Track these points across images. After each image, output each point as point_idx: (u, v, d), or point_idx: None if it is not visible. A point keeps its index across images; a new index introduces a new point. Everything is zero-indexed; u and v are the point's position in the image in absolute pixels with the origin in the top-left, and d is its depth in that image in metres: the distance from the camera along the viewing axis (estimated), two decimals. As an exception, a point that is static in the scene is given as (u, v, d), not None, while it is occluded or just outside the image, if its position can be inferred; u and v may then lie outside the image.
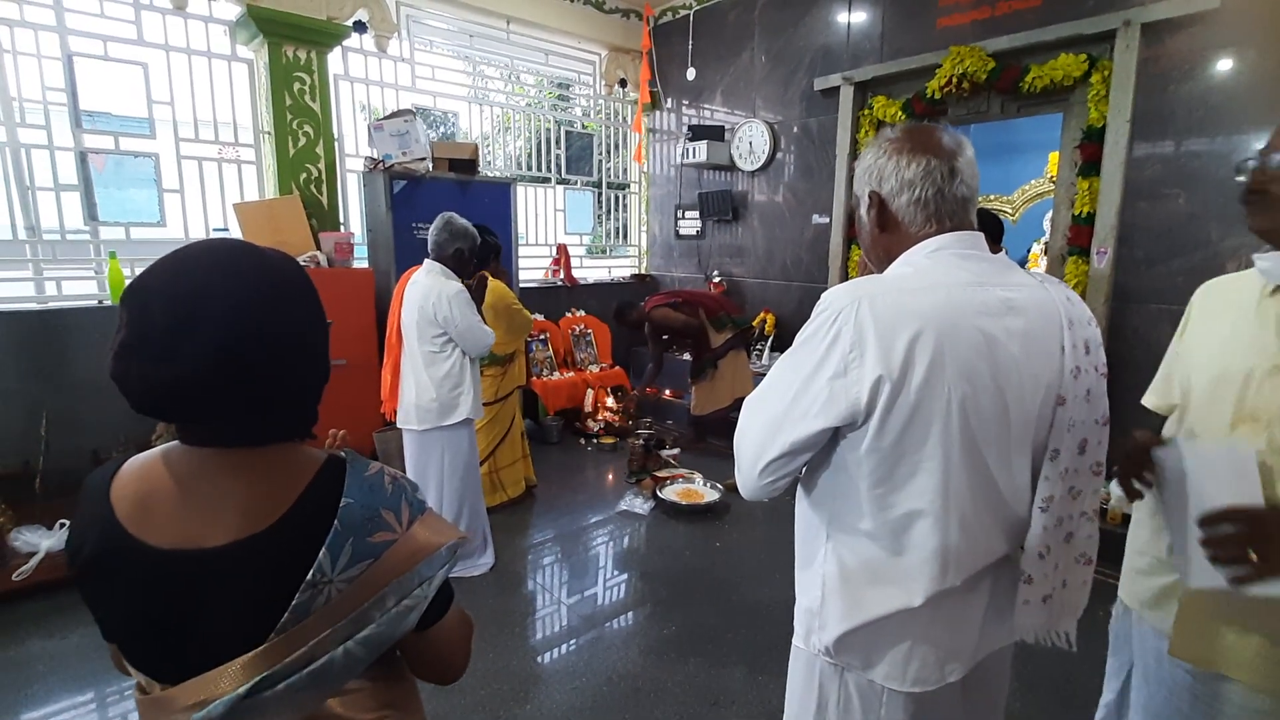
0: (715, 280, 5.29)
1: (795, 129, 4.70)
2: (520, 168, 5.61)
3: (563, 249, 5.49)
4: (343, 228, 4.21)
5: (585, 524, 3.53)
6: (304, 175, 3.96)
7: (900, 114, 3.97)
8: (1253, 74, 2.80)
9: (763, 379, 1.03)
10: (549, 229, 5.59)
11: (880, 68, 4.03)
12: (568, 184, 5.68)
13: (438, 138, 4.99)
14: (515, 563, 3.09)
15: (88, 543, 0.70)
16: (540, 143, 5.48)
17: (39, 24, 3.26)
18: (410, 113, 4.03)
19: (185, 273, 0.67)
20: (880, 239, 1.02)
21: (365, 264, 4.17)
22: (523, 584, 2.93)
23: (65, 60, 3.34)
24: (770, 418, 0.96)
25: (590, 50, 5.58)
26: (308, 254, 3.77)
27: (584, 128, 5.92)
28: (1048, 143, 4.95)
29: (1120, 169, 3.14)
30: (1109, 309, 3.21)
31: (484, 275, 2.99)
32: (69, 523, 0.73)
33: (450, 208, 2.93)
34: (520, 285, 4.81)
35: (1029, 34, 3.36)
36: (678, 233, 5.71)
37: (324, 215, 4.06)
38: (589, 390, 5.01)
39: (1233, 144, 2.86)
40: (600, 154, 5.89)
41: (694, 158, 5.08)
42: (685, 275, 5.72)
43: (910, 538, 0.92)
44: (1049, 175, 5.55)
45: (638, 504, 3.67)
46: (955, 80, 3.59)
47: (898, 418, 0.88)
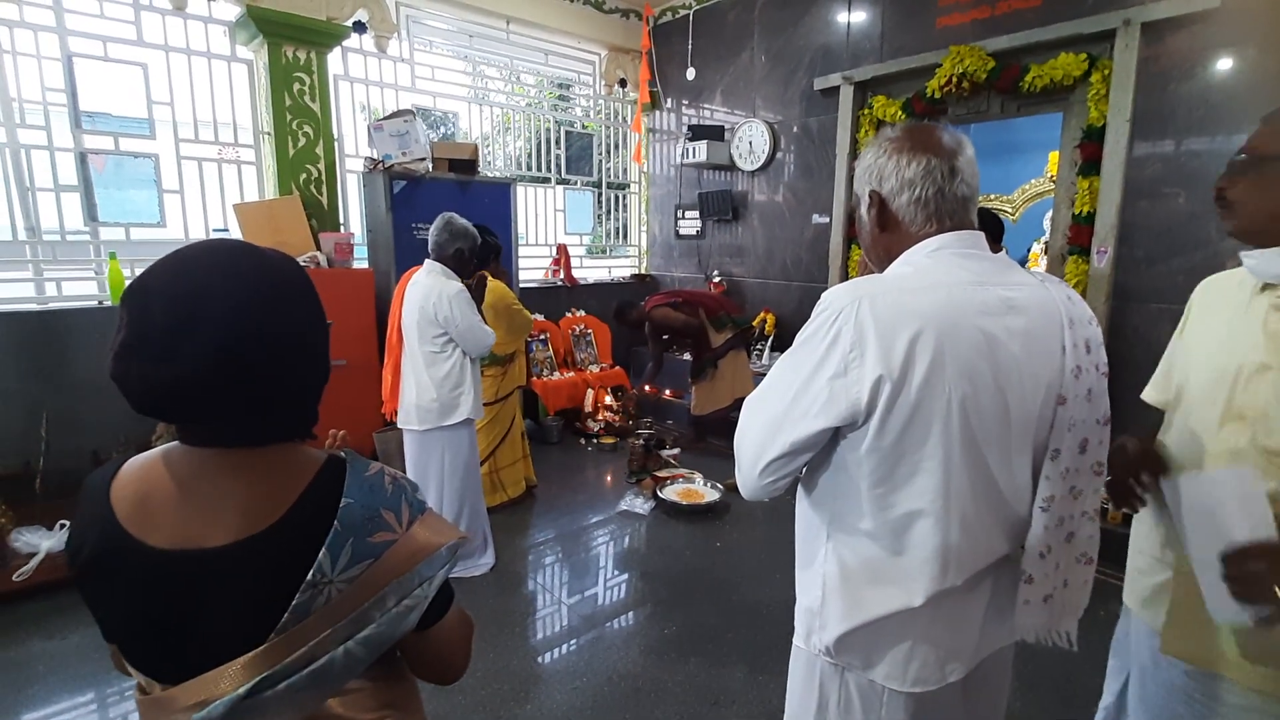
0: (715, 280, 5.29)
1: (795, 129, 4.70)
2: (520, 168, 5.61)
3: (563, 249, 5.49)
4: (343, 228, 4.21)
5: (586, 524, 3.53)
6: (304, 176, 3.96)
7: (900, 113, 3.97)
8: (1253, 73, 2.80)
9: (763, 379, 1.03)
10: (549, 229, 5.59)
11: (880, 67, 4.03)
12: (568, 184, 5.68)
13: (438, 138, 5.00)
14: (515, 563, 3.09)
15: (88, 543, 0.70)
16: (540, 143, 5.48)
17: (39, 25, 3.26)
18: (410, 113, 4.03)
19: (185, 273, 0.67)
20: (880, 238, 1.02)
21: (365, 264, 4.18)
22: (523, 584, 2.93)
23: (65, 61, 3.34)
24: (770, 418, 0.96)
25: (590, 50, 5.58)
26: (308, 254, 3.77)
27: (584, 128, 5.92)
28: (1048, 142, 4.95)
29: (1120, 168, 3.13)
30: (1109, 308, 3.21)
31: (484, 275, 2.99)
32: (69, 523, 0.73)
33: (450, 208, 2.93)
34: (520, 285, 4.81)
35: (1029, 33, 3.36)
36: (678, 233, 5.71)
37: (324, 216, 4.06)
38: (589, 390, 5.01)
39: (1233, 143, 2.86)
40: (600, 154, 5.89)
41: (694, 157, 5.08)
42: (685, 275, 5.71)
43: (911, 537, 0.92)
44: (1049, 174, 5.55)
45: (638, 504, 3.67)
46: (955, 80, 3.59)
47: (898, 417, 0.88)
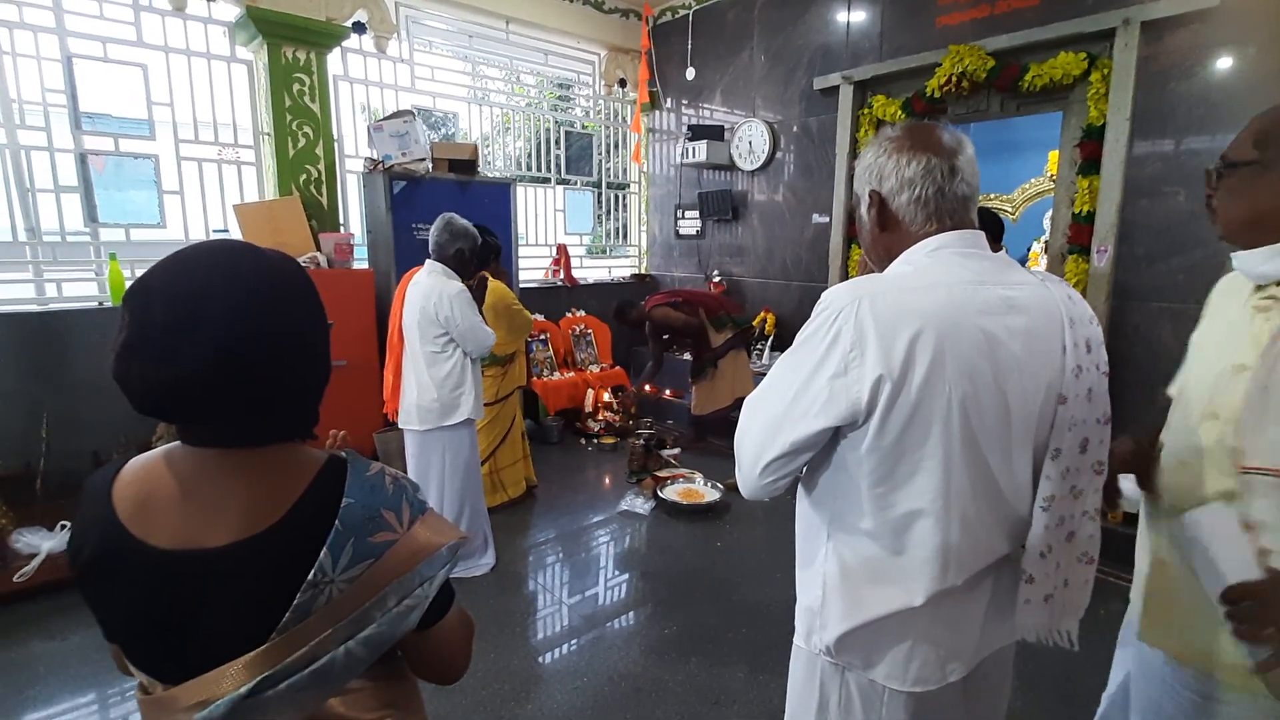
0: (715, 280, 5.29)
1: (795, 128, 4.70)
2: (520, 168, 5.61)
3: (563, 249, 5.49)
4: (343, 228, 4.21)
5: (586, 524, 3.53)
6: (304, 176, 3.96)
7: (900, 113, 3.97)
8: (1253, 71, 2.80)
9: (763, 378, 1.03)
10: (549, 229, 5.59)
11: (880, 67, 4.03)
12: (567, 184, 5.68)
13: (439, 138, 4.99)
14: (516, 563, 3.09)
15: (89, 543, 0.70)
16: (540, 143, 5.48)
17: (38, 26, 3.26)
18: (410, 113, 4.03)
19: (186, 273, 0.67)
20: (881, 238, 1.02)
21: (365, 265, 4.18)
22: (524, 584, 2.93)
23: (65, 62, 3.35)
24: (770, 417, 0.96)
25: (589, 50, 5.58)
26: (307, 255, 3.77)
27: (584, 128, 5.92)
28: (1047, 141, 4.95)
29: (1120, 167, 3.13)
30: (1109, 307, 3.21)
31: (484, 276, 2.99)
32: (70, 524, 0.73)
33: (450, 208, 2.93)
34: (520, 285, 4.81)
35: (1028, 32, 3.36)
36: (678, 232, 5.71)
37: (324, 216, 4.06)
38: (589, 390, 5.01)
39: (1232, 141, 2.85)
40: (600, 154, 5.89)
41: (694, 157, 5.08)
42: (685, 275, 5.72)
43: (911, 537, 0.92)
44: (1049, 174, 5.55)
45: (638, 504, 3.67)
46: (955, 79, 3.59)
47: (898, 417, 0.87)
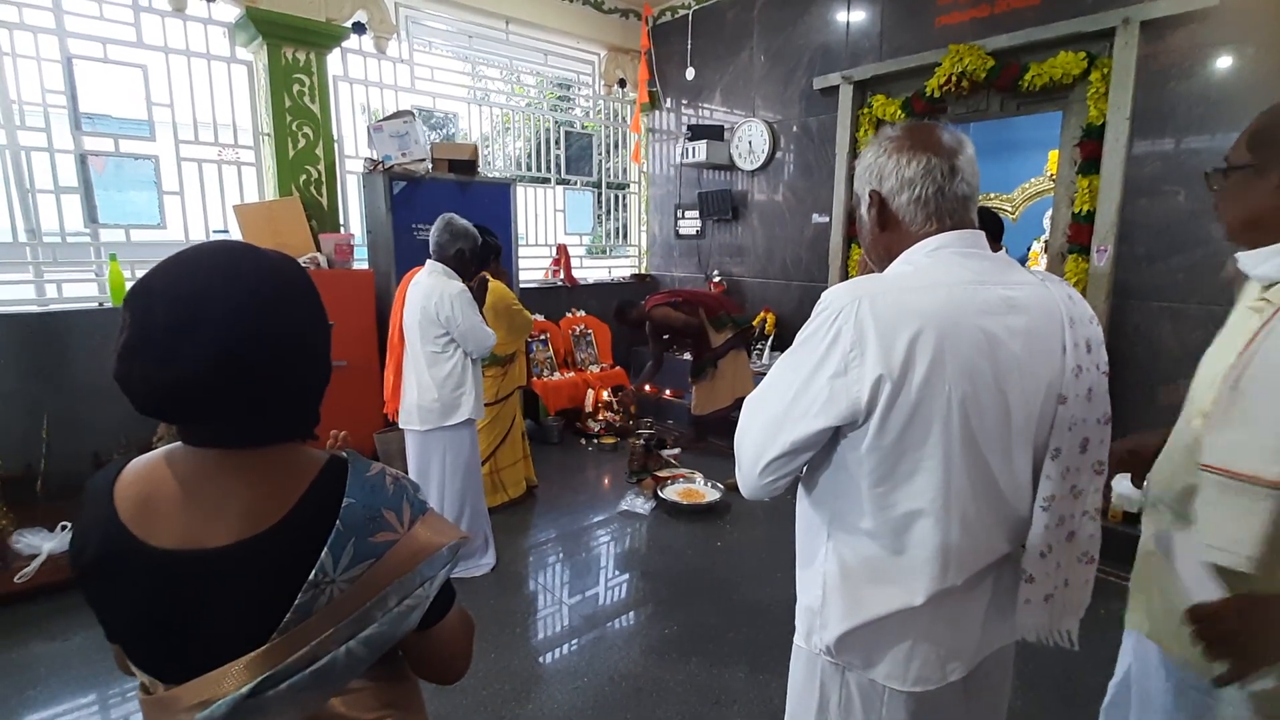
0: (715, 280, 5.29)
1: (795, 128, 4.70)
2: (520, 168, 5.61)
3: (563, 249, 5.49)
4: (343, 229, 4.21)
5: (586, 524, 3.53)
6: (304, 177, 3.96)
7: (900, 112, 3.97)
8: (1252, 70, 2.80)
9: (763, 378, 1.03)
10: (549, 229, 5.59)
11: (879, 66, 4.03)
12: (567, 184, 5.68)
13: (439, 139, 5.00)
14: (516, 563, 3.09)
15: (91, 544, 0.70)
16: (540, 143, 5.48)
17: (38, 27, 3.26)
18: (410, 114, 4.03)
19: (187, 274, 0.68)
20: (881, 238, 1.02)
21: (365, 265, 4.18)
22: (524, 584, 2.93)
23: (65, 63, 3.35)
24: (771, 417, 0.96)
25: (589, 50, 5.58)
26: (308, 255, 3.77)
27: (584, 128, 5.92)
28: (1047, 140, 4.94)
29: (1120, 166, 3.13)
30: (1109, 307, 3.21)
31: (484, 276, 2.99)
32: (72, 525, 0.73)
33: (450, 208, 2.93)
34: (520, 285, 4.81)
35: (1028, 32, 3.36)
36: (678, 232, 5.71)
37: (324, 217, 4.06)
38: (589, 390, 5.01)
39: (1233, 141, 2.84)
40: (600, 154, 5.89)
41: (693, 157, 5.08)
42: (685, 275, 5.72)
43: (911, 537, 0.92)
44: (1049, 173, 5.55)
45: (639, 504, 3.67)
46: (955, 78, 3.59)
47: (898, 417, 0.88)
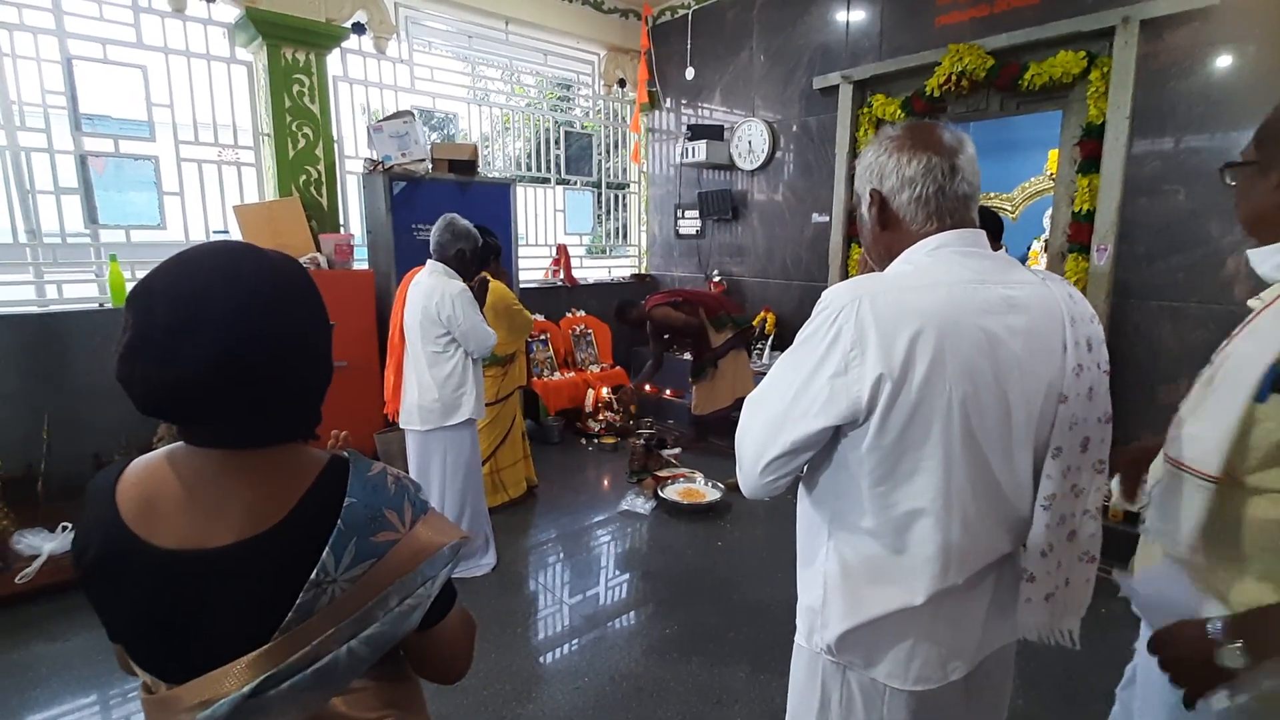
0: (715, 279, 5.29)
1: (794, 128, 4.70)
2: (520, 168, 5.61)
3: (563, 249, 5.49)
4: (343, 229, 4.21)
5: (587, 524, 3.53)
6: (304, 177, 3.96)
7: (899, 112, 3.97)
8: (1252, 69, 2.80)
9: (763, 378, 1.03)
10: (549, 229, 5.59)
11: (879, 66, 4.03)
12: (567, 184, 5.68)
13: (439, 139, 4.99)
14: (517, 563, 3.09)
15: (93, 544, 0.70)
16: (540, 143, 5.48)
17: (38, 27, 3.26)
18: (409, 114, 4.03)
19: (188, 275, 0.68)
20: (881, 237, 1.02)
21: (365, 265, 4.18)
22: (525, 584, 2.93)
23: (65, 63, 3.35)
24: (771, 416, 0.96)
25: (589, 50, 5.58)
26: (308, 256, 3.77)
27: (583, 128, 5.92)
28: (1047, 140, 4.94)
29: (1120, 166, 3.13)
30: (1110, 306, 3.21)
31: (484, 276, 2.99)
32: (74, 525, 0.73)
33: (450, 209, 2.93)
34: (520, 286, 4.81)
35: (1028, 31, 3.36)
36: (677, 232, 5.71)
37: (324, 217, 4.06)
38: (590, 390, 5.01)
39: (1232, 140, 2.86)
40: (600, 154, 5.89)
41: (693, 157, 5.08)
42: (685, 275, 5.72)
43: (912, 536, 0.92)
44: (1049, 172, 5.55)
45: (639, 504, 3.67)
46: (954, 78, 3.59)
47: (899, 416, 0.88)
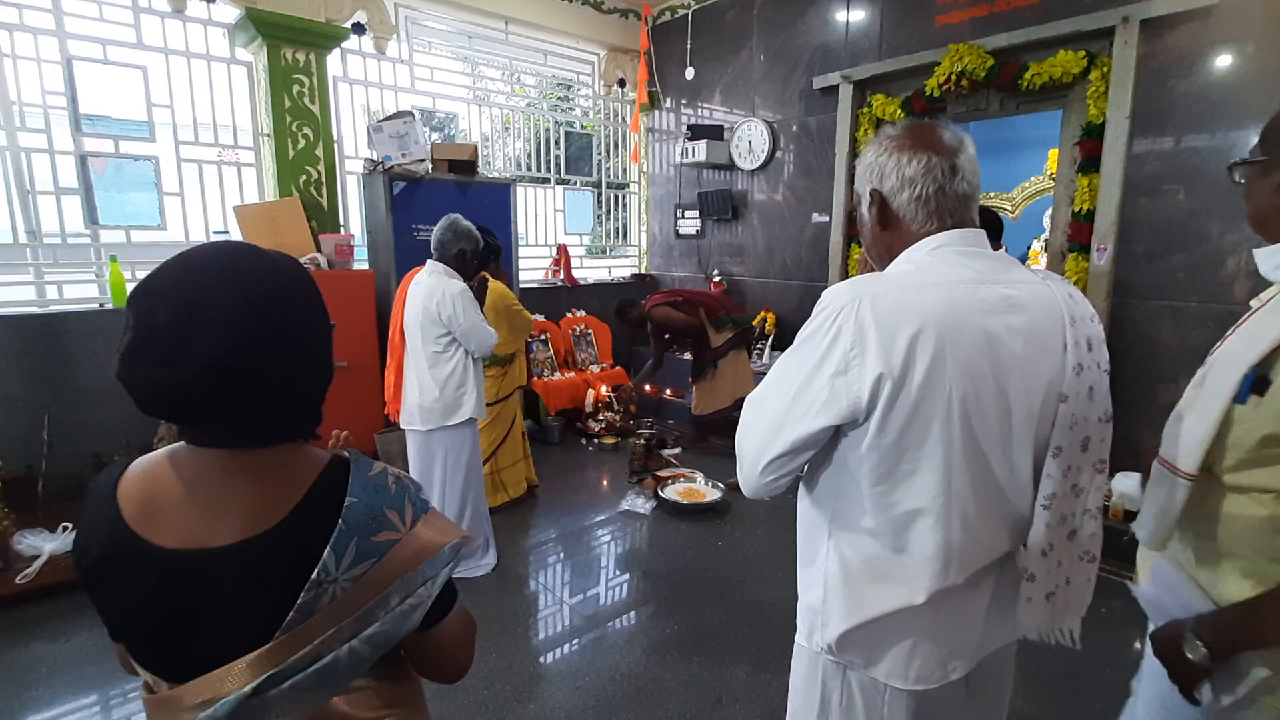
0: (715, 279, 5.29)
1: (794, 128, 4.70)
2: (520, 168, 5.61)
3: (563, 249, 5.49)
4: (343, 229, 4.21)
5: (587, 524, 3.53)
6: (304, 177, 3.96)
7: (899, 112, 3.98)
8: (1252, 69, 2.80)
9: (764, 378, 1.03)
10: (549, 229, 5.60)
11: (879, 66, 4.03)
12: (567, 184, 5.68)
13: (441, 139, 4.99)
14: (517, 563, 3.09)
15: (95, 544, 0.70)
16: (540, 143, 5.48)
17: (38, 28, 3.26)
18: (409, 114, 4.03)
19: (189, 276, 0.68)
20: (881, 236, 1.02)
21: (365, 266, 4.18)
22: (525, 584, 2.94)
23: (65, 64, 3.35)
24: (772, 416, 0.96)
25: (589, 50, 5.58)
26: (308, 256, 3.78)
27: (583, 128, 5.92)
28: (1047, 139, 4.95)
29: (1120, 165, 3.14)
30: (1110, 305, 3.21)
31: (484, 277, 2.99)
32: (76, 525, 0.74)
33: (450, 209, 2.94)
34: (520, 286, 4.81)
35: (1027, 31, 3.36)
36: (678, 232, 5.71)
37: (324, 217, 4.06)
38: (590, 390, 5.01)
39: (1232, 139, 2.86)
40: (600, 154, 5.89)
41: (693, 157, 5.09)
42: (685, 275, 5.72)
43: (912, 535, 0.92)
44: (1049, 172, 5.56)
45: (639, 503, 3.67)
46: (954, 78, 3.59)
47: (899, 415, 0.88)
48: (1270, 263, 1.00)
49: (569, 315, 5.40)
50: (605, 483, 4.12)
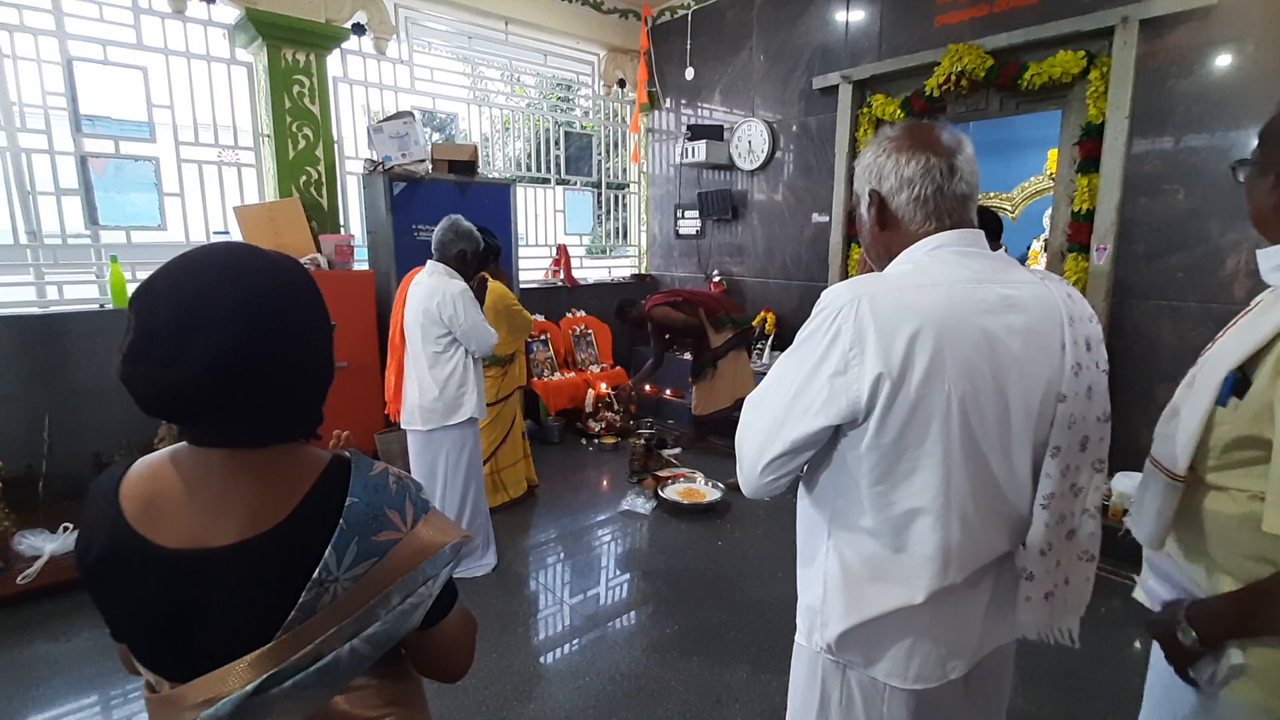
0: (715, 279, 5.30)
1: (794, 128, 4.70)
2: (520, 169, 5.61)
3: (563, 249, 5.49)
4: (343, 230, 4.21)
5: (587, 524, 3.53)
6: (304, 178, 3.97)
7: (899, 112, 3.98)
8: (1251, 68, 2.81)
9: (764, 378, 1.04)
10: (549, 229, 5.60)
11: (879, 66, 4.04)
12: (567, 184, 5.69)
13: (442, 139, 4.99)
14: (518, 563, 3.09)
15: (97, 544, 0.70)
16: (540, 144, 5.49)
17: (38, 29, 3.27)
18: (410, 115, 4.03)
19: (190, 276, 0.68)
20: (880, 237, 1.02)
21: (365, 266, 4.18)
22: (525, 584, 2.94)
23: (65, 65, 3.35)
24: (771, 416, 0.96)
25: (589, 51, 5.58)
26: (308, 256, 3.78)
27: (583, 128, 5.92)
28: (1047, 139, 4.95)
29: (1119, 165, 3.14)
30: (1109, 305, 3.22)
31: (484, 276, 3.00)
32: (77, 525, 0.74)
33: (450, 209, 2.94)
34: (520, 286, 4.81)
35: (1027, 31, 3.37)
36: (677, 232, 5.71)
37: (324, 217, 4.06)
38: (590, 390, 5.01)
39: (1231, 139, 2.86)
40: (599, 154, 5.89)
41: (693, 157, 5.09)
42: (685, 275, 5.72)
43: (911, 535, 0.92)
44: (1048, 172, 5.56)
45: (639, 503, 3.68)
46: (954, 78, 3.59)
47: (898, 415, 0.88)
48: (1270, 263, 1.00)
49: (569, 315, 5.40)
50: (605, 483, 4.12)
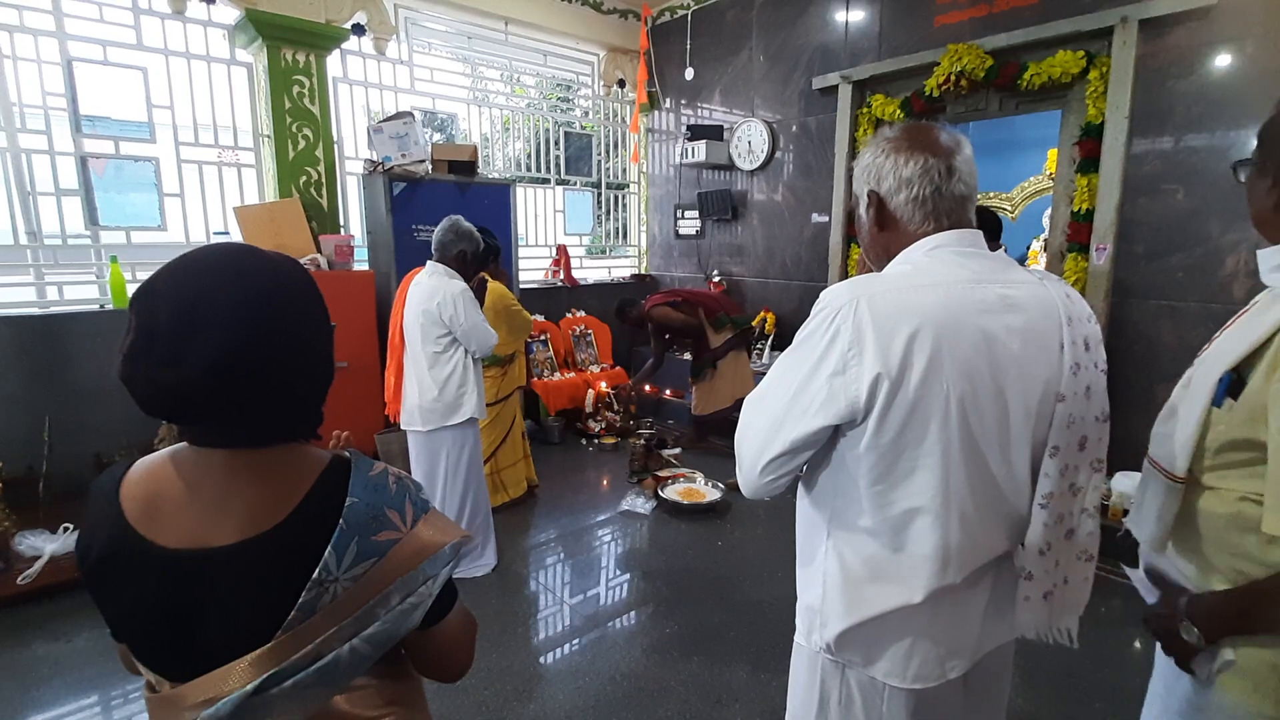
0: (715, 279, 5.30)
1: (794, 128, 4.70)
2: (520, 169, 5.61)
3: (562, 249, 5.49)
4: (343, 230, 4.22)
5: (587, 524, 3.53)
6: (304, 178, 3.97)
7: (899, 112, 3.98)
8: (1251, 68, 2.81)
9: (763, 378, 1.04)
10: (549, 230, 5.60)
11: (878, 66, 4.04)
12: (567, 184, 5.69)
13: (442, 139, 5.00)
14: (517, 563, 3.09)
15: (97, 544, 0.71)
16: (539, 144, 5.49)
17: (39, 29, 3.27)
18: (409, 115, 4.04)
19: (190, 277, 0.68)
20: (879, 237, 1.02)
21: (365, 266, 4.18)
22: (525, 584, 2.94)
23: (65, 65, 3.35)
24: (771, 416, 0.96)
25: (588, 51, 5.58)
26: (308, 257, 3.78)
27: (583, 128, 5.93)
28: (1047, 139, 4.96)
29: (1119, 165, 3.14)
30: (1109, 305, 3.22)
31: (484, 277, 3.00)
32: (78, 525, 0.74)
33: (450, 210, 2.95)
34: (520, 286, 4.82)
35: (1027, 31, 3.37)
36: (677, 232, 5.71)
37: (324, 218, 4.06)
38: (590, 390, 5.01)
39: (1231, 139, 2.86)
40: (599, 154, 5.89)
41: (693, 157, 5.09)
42: (685, 275, 5.72)
43: (910, 535, 0.92)
44: (1048, 172, 5.56)
45: (639, 504, 3.68)
46: (953, 78, 3.60)
47: (897, 415, 0.88)
48: (1270, 263, 1.00)
49: (569, 315, 5.40)
50: (605, 483, 4.13)
